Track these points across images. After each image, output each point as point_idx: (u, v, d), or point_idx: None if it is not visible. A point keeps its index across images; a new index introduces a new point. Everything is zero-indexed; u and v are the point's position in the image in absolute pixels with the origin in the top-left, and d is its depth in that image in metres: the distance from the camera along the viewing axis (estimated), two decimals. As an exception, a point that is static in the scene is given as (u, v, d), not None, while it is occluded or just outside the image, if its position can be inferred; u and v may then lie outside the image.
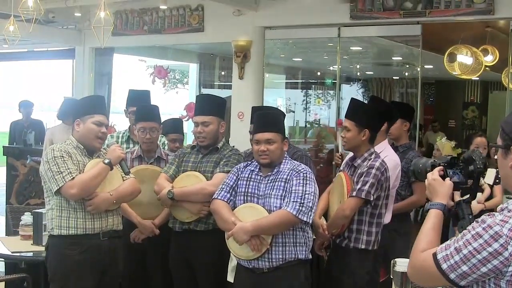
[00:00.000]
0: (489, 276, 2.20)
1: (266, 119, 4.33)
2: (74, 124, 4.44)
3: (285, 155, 4.30)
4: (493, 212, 2.25)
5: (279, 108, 7.51)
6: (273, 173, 4.21)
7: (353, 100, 4.77)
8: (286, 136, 4.37)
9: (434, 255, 2.30)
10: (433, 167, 2.79)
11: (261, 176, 4.24)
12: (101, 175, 4.33)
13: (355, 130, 4.54)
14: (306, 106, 17.35)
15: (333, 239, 4.61)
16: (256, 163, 4.30)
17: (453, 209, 2.66)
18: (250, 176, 4.28)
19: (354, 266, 4.47)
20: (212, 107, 4.83)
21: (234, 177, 4.32)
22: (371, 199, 4.37)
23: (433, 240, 2.45)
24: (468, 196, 2.67)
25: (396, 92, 16.08)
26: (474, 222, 2.27)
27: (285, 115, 5.37)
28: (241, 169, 4.35)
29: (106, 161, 4.35)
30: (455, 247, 2.24)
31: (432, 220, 2.51)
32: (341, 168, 4.85)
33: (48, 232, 4.43)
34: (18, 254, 5.24)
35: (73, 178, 4.21)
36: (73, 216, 4.31)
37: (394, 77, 16.02)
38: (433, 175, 2.67)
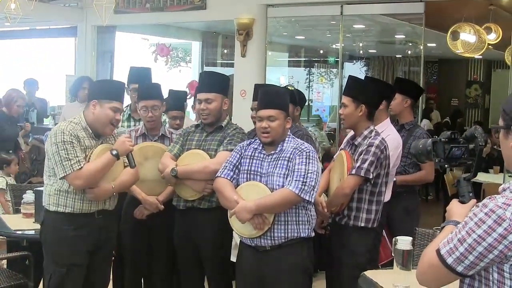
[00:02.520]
0: (495, 262, 2.17)
1: (269, 96, 4.29)
2: (90, 104, 4.40)
3: (289, 133, 4.29)
4: (495, 195, 2.20)
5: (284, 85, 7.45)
6: (276, 151, 4.19)
7: (350, 77, 4.80)
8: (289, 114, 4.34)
9: (438, 251, 2.25)
10: (434, 143, 2.77)
11: (264, 154, 4.23)
12: (107, 167, 4.34)
13: (352, 105, 4.55)
14: (309, 84, 17.35)
15: (332, 217, 4.62)
16: (259, 141, 4.30)
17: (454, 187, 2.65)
18: (253, 154, 4.27)
19: (354, 244, 4.50)
20: (215, 84, 4.81)
21: (238, 155, 4.31)
22: (371, 177, 4.38)
23: None
24: (469, 174, 2.65)
25: (398, 70, 16.06)
26: (475, 207, 2.24)
27: (293, 93, 5.36)
28: (244, 147, 4.34)
29: (114, 152, 4.34)
30: (458, 239, 2.19)
31: (445, 235, 2.35)
32: (341, 146, 4.86)
33: (44, 206, 4.45)
34: (20, 232, 5.26)
35: (81, 168, 4.22)
36: (70, 197, 4.33)
37: (396, 56, 15.99)
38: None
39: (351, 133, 4.77)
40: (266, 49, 9.18)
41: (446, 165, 2.80)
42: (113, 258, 4.96)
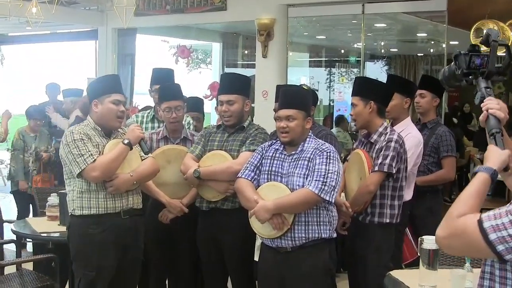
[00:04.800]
0: None
1: (289, 96, 4.27)
2: (92, 105, 4.43)
3: (310, 134, 4.26)
4: None
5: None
6: (297, 151, 4.17)
7: (357, 78, 4.87)
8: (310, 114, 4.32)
9: (480, 222, 2.10)
10: (455, 57, 2.71)
11: (285, 155, 4.21)
12: (121, 156, 4.34)
13: (360, 104, 4.55)
14: (329, 84, 17.28)
15: (354, 217, 4.59)
16: (280, 142, 4.27)
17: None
18: (274, 154, 4.25)
19: (379, 241, 4.48)
20: (236, 85, 4.79)
21: (259, 156, 4.29)
22: (394, 171, 4.38)
23: (474, 206, 2.21)
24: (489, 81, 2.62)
25: (420, 69, 15.96)
26: None
27: (316, 96, 5.34)
28: (265, 148, 4.32)
29: (126, 141, 4.35)
30: (510, 220, 2.06)
31: (477, 184, 2.26)
32: (354, 146, 4.82)
33: (70, 213, 4.45)
34: (45, 234, 5.31)
35: (95, 160, 4.22)
36: (94, 197, 4.33)
37: (418, 54, 15.89)
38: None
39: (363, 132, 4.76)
40: (287, 49, 9.15)
41: (469, 77, 2.73)
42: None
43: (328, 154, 4.07)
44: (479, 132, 14.40)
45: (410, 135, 4.97)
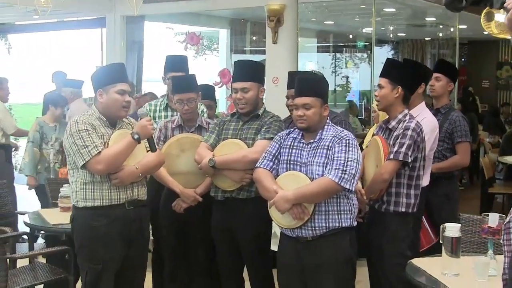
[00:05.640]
0: None
1: (304, 83, 4.20)
2: (97, 95, 4.36)
3: (328, 121, 4.20)
4: None
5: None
6: (316, 140, 4.11)
7: (388, 59, 4.77)
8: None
9: None
10: None
11: (303, 143, 4.15)
12: (129, 150, 4.27)
13: (388, 87, 4.47)
14: (334, 69, 17.21)
15: (371, 205, 4.55)
16: (298, 130, 4.22)
17: None
18: (292, 144, 4.20)
19: (395, 230, 4.43)
20: (251, 72, 4.73)
21: (277, 145, 4.24)
22: (409, 160, 4.30)
23: None
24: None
25: (428, 53, 15.89)
26: None
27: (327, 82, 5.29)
28: (283, 137, 4.27)
29: (136, 136, 4.26)
30: None
31: None
32: (374, 132, 4.77)
33: (73, 204, 4.39)
34: (59, 226, 5.24)
35: (99, 152, 4.15)
36: (98, 188, 4.26)
37: (426, 39, 15.80)
38: None
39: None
40: (297, 35, 9.07)
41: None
42: (150, 251, 4.92)
43: (347, 141, 4.02)
44: (488, 115, 14.35)
45: (426, 120, 4.92)
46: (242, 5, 9.82)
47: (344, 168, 3.93)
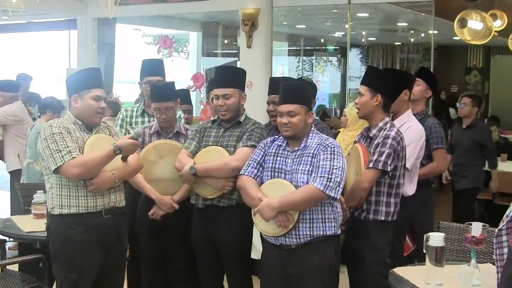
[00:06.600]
0: None
1: (290, 90, 4.17)
2: (71, 100, 4.27)
3: (313, 129, 4.17)
4: None
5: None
6: (301, 147, 4.09)
7: (369, 67, 4.86)
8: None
9: None
10: None
11: (288, 151, 4.12)
12: (107, 161, 4.17)
13: (368, 95, 4.45)
14: (302, 73, 17.18)
15: (351, 212, 4.53)
16: (283, 138, 4.18)
17: None
18: (277, 151, 4.16)
19: (375, 238, 4.41)
20: (232, 78, 4.67)
21: (262, 153, 4.20)
22: (388, 169, 4.28)
23: None
24: None
25: (397, 58, 15.97)
26: None
27: (315, 86, 5.26)
28: (268, 144, 4.23)
29: (117, 151, 4.17)
30: None
31: None
32: (356, 139, 4.76)
33: (49, 211, 4.29)
34: (32, 234, 5.10)
35: (74, 158, 4.05)
36: (74, 195, 4.17)
37: (396, 43, 15.89)
38: None
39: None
40: (272, 40, 9.06)
41: None
42: (128, 260, 4.84)
43: (332, 149, 4.00)
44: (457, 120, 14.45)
45: (412, 128, 4.93)
46: (216, 9, 9.77)
47: (329, 176, 3.91)
